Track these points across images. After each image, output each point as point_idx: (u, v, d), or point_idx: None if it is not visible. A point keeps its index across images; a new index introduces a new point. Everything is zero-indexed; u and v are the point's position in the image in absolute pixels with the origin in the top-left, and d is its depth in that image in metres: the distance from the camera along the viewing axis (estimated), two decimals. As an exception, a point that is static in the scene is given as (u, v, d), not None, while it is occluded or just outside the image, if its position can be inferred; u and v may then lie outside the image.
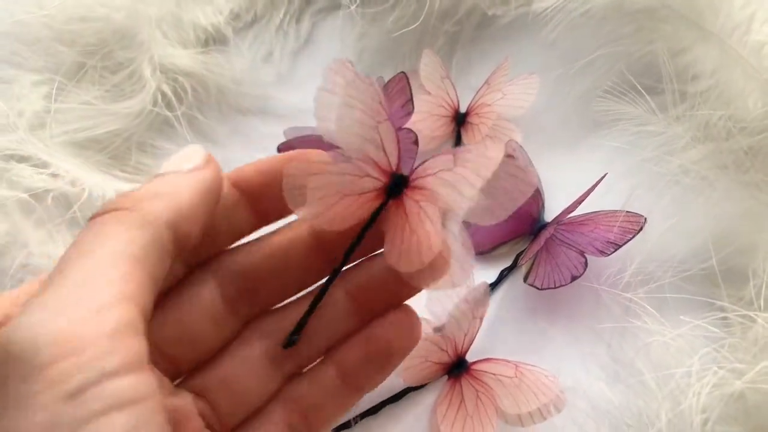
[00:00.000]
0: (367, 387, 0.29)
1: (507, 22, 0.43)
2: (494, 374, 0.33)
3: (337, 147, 0.27)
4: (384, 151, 0.26)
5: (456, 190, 0.26)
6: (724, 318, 0.33)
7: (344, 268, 0.27)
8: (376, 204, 0.27)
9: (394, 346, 0.28)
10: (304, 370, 0.28)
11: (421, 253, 0.26)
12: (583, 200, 0.35)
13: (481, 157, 0.26)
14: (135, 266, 0.22)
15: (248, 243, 0.28)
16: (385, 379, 0.29)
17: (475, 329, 0.33)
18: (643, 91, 0.38)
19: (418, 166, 0.27)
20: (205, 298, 0.27)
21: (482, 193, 0.26)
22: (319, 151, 0.27)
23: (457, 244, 0.26)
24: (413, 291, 0.29)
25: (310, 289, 0.28)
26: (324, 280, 0.28)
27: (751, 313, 0.30)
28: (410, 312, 0.29)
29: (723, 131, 0.37)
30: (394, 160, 0.27)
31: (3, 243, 0.35)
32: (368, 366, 0.28)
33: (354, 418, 0.34)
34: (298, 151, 0.27)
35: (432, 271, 0.26)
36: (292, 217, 0.28)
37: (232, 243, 0.28)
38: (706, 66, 0.39)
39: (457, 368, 0.34)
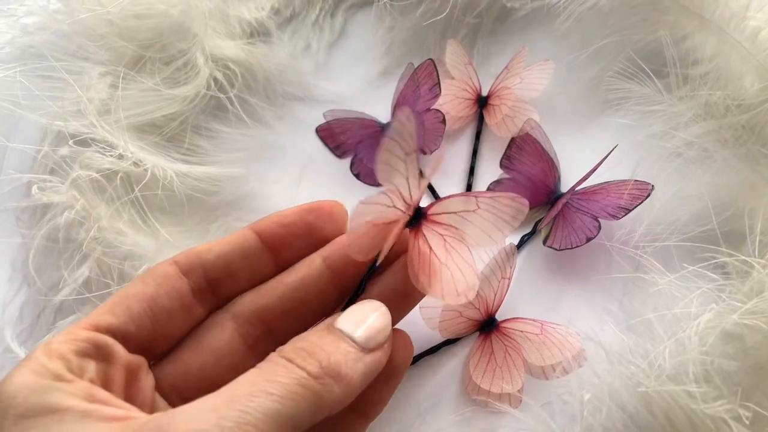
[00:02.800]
0: (373, 412, 0.31)
1: (524, 14, 0.46)
2: (521, 332, 0.37)
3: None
4: (408, 184, 0.29)
5: (484, 232, 0.30)
6: (725, 272, 0.36)
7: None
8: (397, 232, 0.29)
9: (392, 369, 0.30)
10: None
11: (457, 288, 0.30)
12: (595, 170, 0.39)
13: (512, 203, 0.30)
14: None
15: (265, 284, 0.31)
16: (387, 402, 0.31)
17: (504, 289, 0.37)
18: (650, 73, 0.41)
19: (433, 203, 0.30)
20: (225, 341, 0.30)
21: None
22: (338, 201, 0.32)
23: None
24: (405, 311, 0.32)
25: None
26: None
27: (748, 259, 0.34)
28: (403, 333, 0.31)
29: (722, 109, 0.40)
30: (416, 194, 0.29)
31: (80, 218, 0.38)
32: (372, 390, 0.28)
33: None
34: (317, 203, 0.31)
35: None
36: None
37: (251, 288, 0.31)
38: (706, 51, 0.42)
39: (488, 326, 0.37)
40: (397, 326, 0.31)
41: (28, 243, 0.40)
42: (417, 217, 0.30)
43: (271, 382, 0.24)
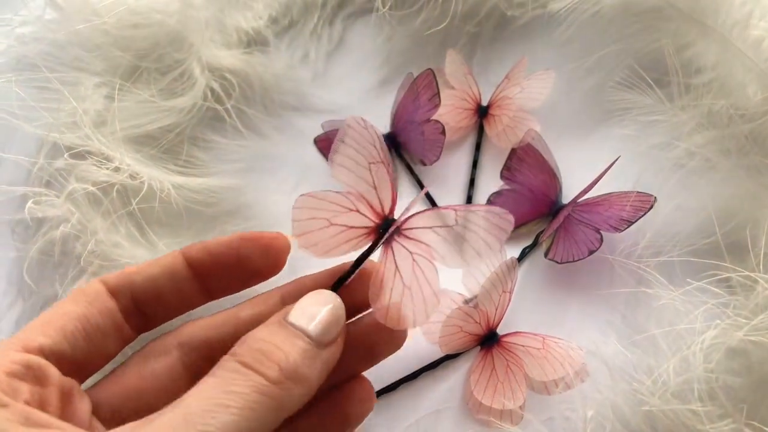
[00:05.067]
0: None
1: (524, 22, 0.46)
2: (523, 346, 0.36)
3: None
4: (377, 192, 0.29)
5: (460, 253, 0.28)
6: (729, 286, 0.36)
7: None
8: (366, 243, 0.29)
9: (351, 418, 0.30)
10: None
11: (411, 315, 0.28)
12: (597, 181, 0.38)
13: (497, 220, 0.28)
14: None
15: (220, 314, 0.30)
16: None
17: (506, 303, 0.36)
18: (651, 82, 0.41)
19: (409, 217, 0.29)
20: (168, 368, 0.29)
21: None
22: (278, 233, 0.30)
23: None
24: (371, 363, 0.31)
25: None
26: None
27: (752, 274, 0.33)
28: (366, 383, 0.31)
29: (725, 118, 0.40)
30: (387, 205, 0.29)
31: (76, 231, 0.38)
32: None
33: (394, 383, 0.37)
34: (257, 233, 0.30)
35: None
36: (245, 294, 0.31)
37: (180, 314, 0.30)
38: (708, 59, 0.41)
39: (489, 340, 0.37)
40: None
41: (23, 257, 0.39)
42: (387, 229, 0.29)
43: (229, 393, 0.23)
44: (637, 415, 0.32)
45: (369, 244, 0.29)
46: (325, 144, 0.44)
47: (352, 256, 0.30)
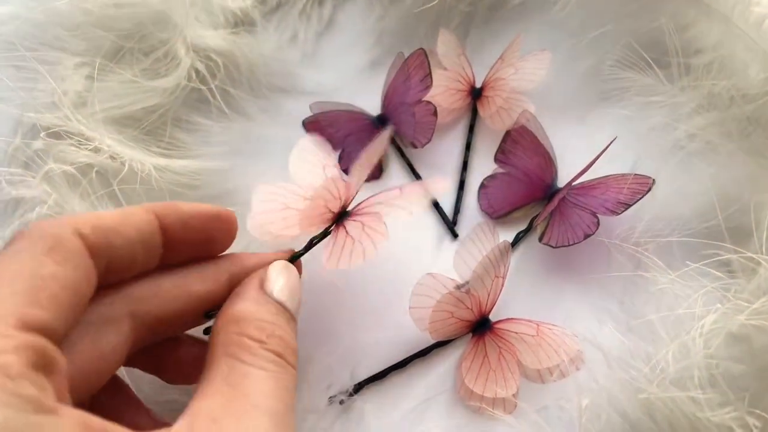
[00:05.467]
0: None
1: (519, 1, 0.45)
2: (516, 333, 0.35)
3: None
4: (335, 194, 0.33)
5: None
6: (730, 270, 0.35)
7: None
8: (324, 225, 0.34)
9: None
10: None
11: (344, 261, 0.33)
12: (593, 163, 0.37)
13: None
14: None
15: (167, 284, 0.28)
16: None
17: (498, 288, 0.35)
18: (651, 62, 0.39)
19: (363, 201, 0.34)
20: (121, 337, 0.26)
21: None
22: (231, 212, 0.31)
23: None
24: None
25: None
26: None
27: (755, 255, 0.32)
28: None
29: (726, 99, 0.39)
30: (346, 198, 0.34)
31: (53, 213, 0.36)
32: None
33: (384, 371, 0.36)
34: (221, 212, 0.30)
35: None
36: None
37: (140, 271, 0.28)
38: (709, 39, 0.40)
39: (481, 327, 0.36)
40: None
41: None
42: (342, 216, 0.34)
43: (281, 389, 0.26)
44: (634, 404, 0.31)
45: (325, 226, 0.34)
46: (313, 126, 0.42)
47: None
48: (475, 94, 0.43)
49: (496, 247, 0.35)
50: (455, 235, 0.40)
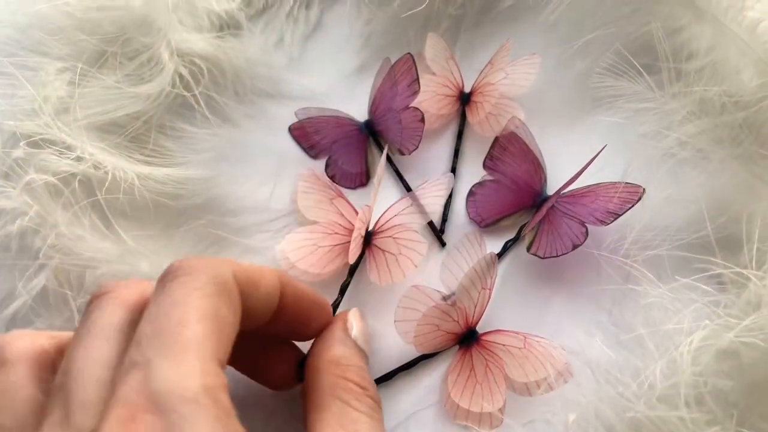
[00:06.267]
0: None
1: (509, 5, 0.44)
2: (503, 345, 0.34)
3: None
4: (345, 218, 0.38)
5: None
6: (720, 283, 0.34)
7: None
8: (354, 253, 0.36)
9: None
10: None
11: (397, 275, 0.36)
12: (583, 171, 0.37)
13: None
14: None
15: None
16: None
17: (485, 300, 0.35)
18: (641, 69, 0.39)
19: (380, 217, 0.37)
20: None
21: None
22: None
23: None
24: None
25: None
26: None
27: (744, 271, 0.32)
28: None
29: (718, 106, 0.38)
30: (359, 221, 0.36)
31: (34, 224, 0.36)
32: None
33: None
34: (326, 300, 0.33)
35: None
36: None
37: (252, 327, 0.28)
38: (701, 44, 0.39)
39: (468, 339, 0.35)
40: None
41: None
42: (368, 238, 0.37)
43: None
44: (621, 421, 0.30)
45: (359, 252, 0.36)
46: (300, 133, 0.42)
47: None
48: (464, 99, 0.42)
49: (482, 258, 0.34)
50: (443, 244, 0.39)
